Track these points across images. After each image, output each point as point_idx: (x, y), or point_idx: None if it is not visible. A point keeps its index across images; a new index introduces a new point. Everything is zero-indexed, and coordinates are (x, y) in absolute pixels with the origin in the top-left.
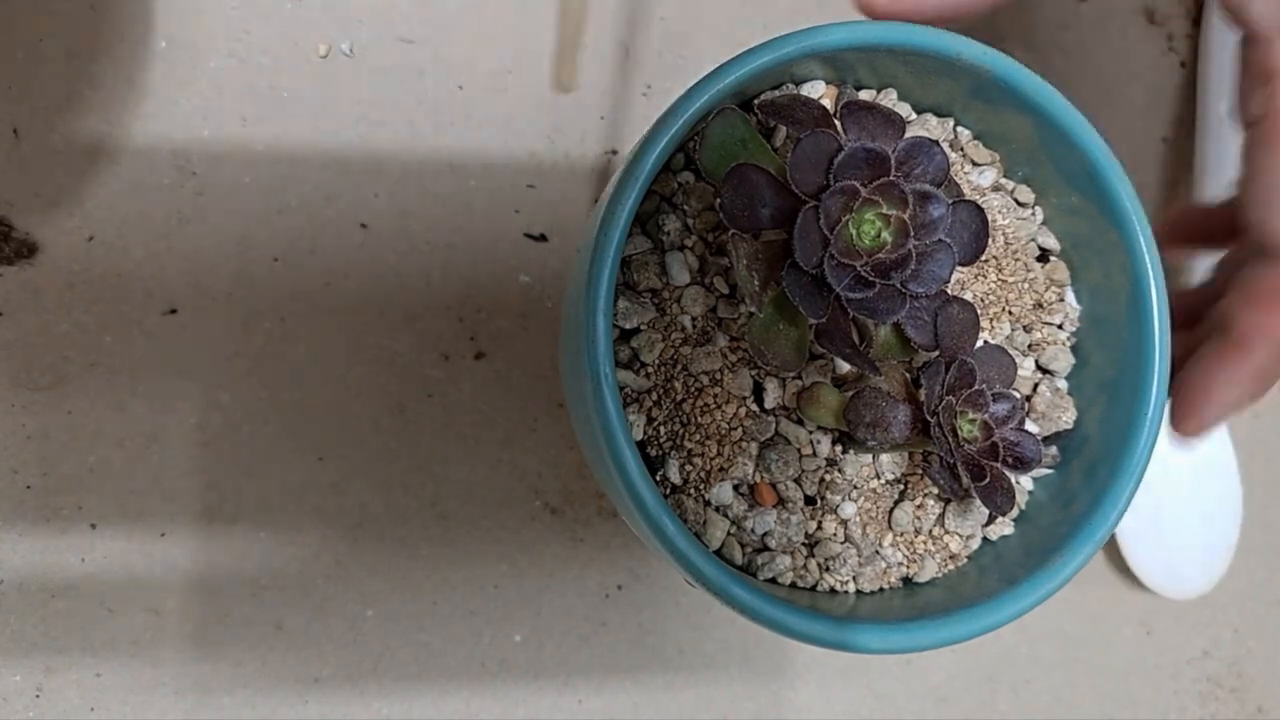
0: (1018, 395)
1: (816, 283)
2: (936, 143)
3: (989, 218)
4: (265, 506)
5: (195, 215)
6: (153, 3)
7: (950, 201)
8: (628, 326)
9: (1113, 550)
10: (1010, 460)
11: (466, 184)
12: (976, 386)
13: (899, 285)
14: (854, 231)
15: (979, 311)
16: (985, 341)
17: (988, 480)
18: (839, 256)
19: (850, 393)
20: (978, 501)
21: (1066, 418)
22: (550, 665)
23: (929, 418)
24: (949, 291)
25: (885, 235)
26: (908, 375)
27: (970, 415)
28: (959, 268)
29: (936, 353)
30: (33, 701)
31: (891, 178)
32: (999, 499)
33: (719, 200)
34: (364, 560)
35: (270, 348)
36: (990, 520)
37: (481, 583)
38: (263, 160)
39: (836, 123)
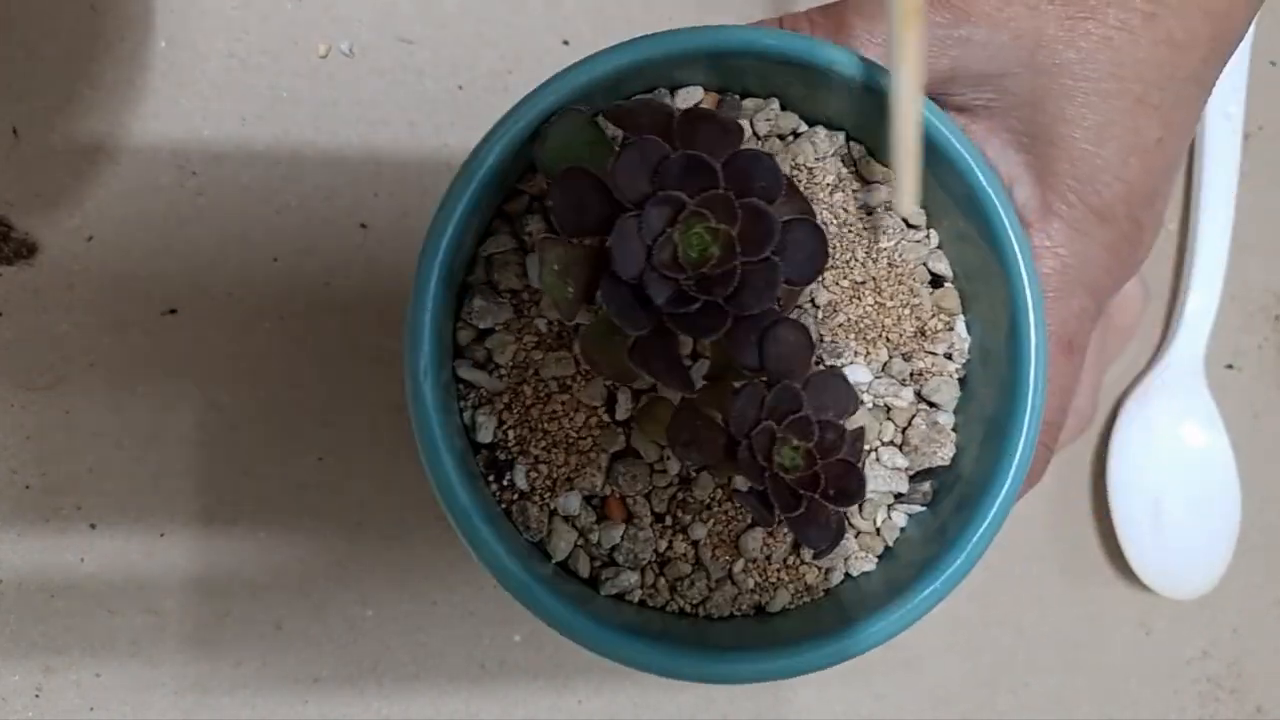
0: (849, 425)
1: (636, 295)
2: (770, 156)
3: (874, 238)
4: (265, 506)
5: (195, 215)
6: (153, 3)
7: (784, 219)
8: (483, 326)
9: (1113, 550)
10: (832, 493)
11: None
12: (802, 413)
13: (721, 302)
14: (679, 244)
15: (856, 334)
16: (830, 367)
17: (802, 511)
18: (660, 269)
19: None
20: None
21: (943, 453)
22: (550, 665)
23: (739, 440)
24: (793, 310)
25: (713, 249)
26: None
27: (794, 442)
28: (828, 288)
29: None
30: (32, 701)
31: (722, 190)
32: (814, 532)
33: (548, 203)
34: (364, 560)
35: (270, 348)
36: (817, 555)
37: (481, 583)
38: (262, 160)
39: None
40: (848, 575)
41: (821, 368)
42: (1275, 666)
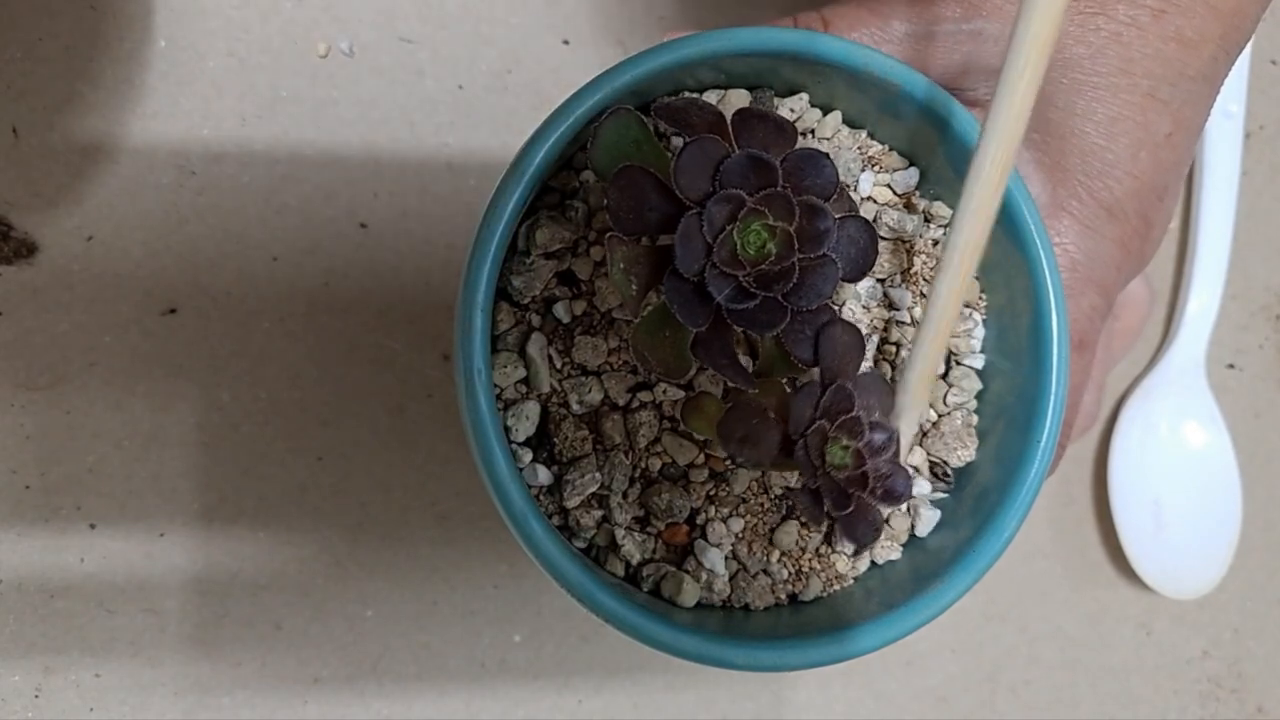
0: (896, 426)
1: (697, 291)
2: (826, 155)
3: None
4: (265, 507)
5: (195, 215)
6: (153, 3)
7: (838, 216)
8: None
9: (1113, 550)
10: (880, 492)
11: (466, 184)
12: (854, 413)
13: (780, 298)
14: (738, 241)
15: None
16: (870, 368)
17: (851, 510)
18: (721, 266)
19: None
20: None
21: (965, 452)
22: (550, 665)
23: (795, 439)
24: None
25: (771, 246)
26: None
27: (844, 442)
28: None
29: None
30: (32, 702)
31: (779, 188)
32: (861, 530)
33: (605, 201)
34: (364, 560)
35: (270, 348)
36: (859, 549)
37: (481, 583)
38: (262, 160)
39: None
40: (873, 563)
41: (867, 367)
42: (1276, 666)
